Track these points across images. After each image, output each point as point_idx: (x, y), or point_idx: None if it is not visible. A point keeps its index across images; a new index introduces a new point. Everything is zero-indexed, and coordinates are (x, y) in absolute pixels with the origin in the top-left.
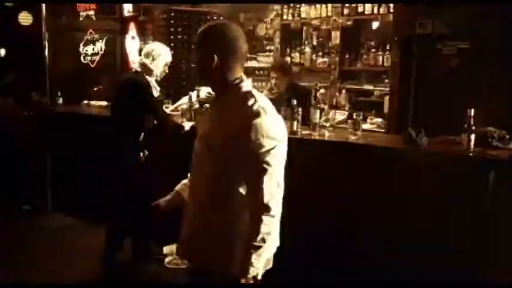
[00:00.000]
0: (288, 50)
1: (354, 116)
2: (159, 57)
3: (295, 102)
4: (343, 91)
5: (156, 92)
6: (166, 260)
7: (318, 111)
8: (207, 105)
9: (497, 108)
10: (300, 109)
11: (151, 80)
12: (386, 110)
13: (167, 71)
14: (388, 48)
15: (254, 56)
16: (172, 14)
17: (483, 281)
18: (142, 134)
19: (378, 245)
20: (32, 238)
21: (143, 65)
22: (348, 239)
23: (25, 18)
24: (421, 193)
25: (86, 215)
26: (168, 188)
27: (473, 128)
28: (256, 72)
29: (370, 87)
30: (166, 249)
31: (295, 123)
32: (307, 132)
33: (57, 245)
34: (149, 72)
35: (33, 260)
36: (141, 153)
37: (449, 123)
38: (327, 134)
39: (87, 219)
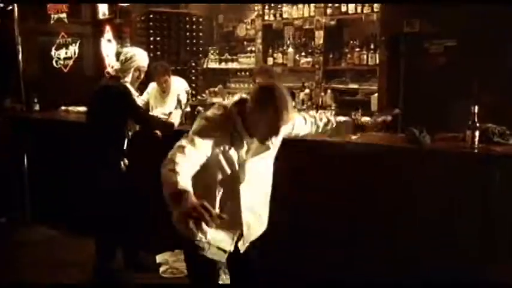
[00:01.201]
0: (270, 50)
1: (352, 115)
2: (129, 60)
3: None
4: (329, 91)
5: (136, 97)
6: (161, 269)
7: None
8: (200, 108)
9: (487, 105)
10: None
11: (128, 85)
12: (373, 108)
13: (141, 76)
14: (372, 47)
15: (235, 57)
16: (151, 16)
17: (491, 278)
18: (126, 140)
19: (383, 244)
20: (13, 251)
21: (115, 70)
22: (352, 238)
23: None
24: (427, 191)
25: (67, 226)
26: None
27: (478, 124)
28: (238, 73)
29: (355, 86)
30: (159, 258)
31: None
32: None
33: (41, 258)
34: (122, 76)
35: (17, 275)
36: (122, 162)
37: (439, 121)
38: None
39: (69, 230)
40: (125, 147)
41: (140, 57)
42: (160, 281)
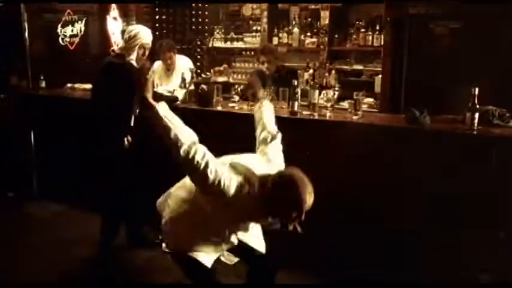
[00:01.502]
0: (276, 30)
1: (354, 96)
2: (133, 38)
3: (295, 82)
4: (333, 71)
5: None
6: (164, 244)
7: (317, 91)
8: (204, 86)
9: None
10: (299, 89)
11: (134, 62)
12: (377, 89)
13: (146, 54)
14: (377, 28)
15: (240, 36)
16: None
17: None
18: (133, 117)
19: (385, 225)
20: (21, 226)
21: (120, 48)
22: (354, 219)
23: None
24: (426, 172)
25: (74, 202)
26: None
27: (477, 106)
28: (243, 52)
29: (360, 67)
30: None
31: (295, 103)
32: (308, 113)
33: (47, 233)
34: (127, 54)
35: (26, 249)
36: (125, 139)
37: (442, 103)
38: (328, 114)
39: (75, 205)
40: (132, 124)
41: (144, 35)
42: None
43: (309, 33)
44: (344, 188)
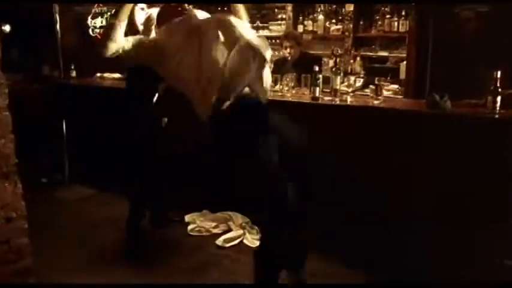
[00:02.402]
0: (301, 18)
1: (376, 81)
2: (148, 19)
3: (317, 68)
4: (358, 58)
5: None
6: (189, 227)
7: (339, 77)
8: None
9: None
10: (320, 75)
11: None
12: (402, 76)
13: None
14: (403, 14)
15: (266, 25)
16: None
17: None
18: (157, 94)
19: (402, 210)
20: (53, 210)
21: (139, 31)
22: (371, 204)
23: None
24: (447, 156)
25: (103, 187)
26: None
27: (500, 90)
28: (269, 41)
29: (385, 53)
30: (188, 218)
31: (317, 89)
32: (329, 98)
33: (79, 216)
34: (146, 36)
35: (58, 231)
36: (159, 119)
37: (468, 88)
38: (349, 99)
39: (105, 190)
40: (155, 100)
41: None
42: (187, 238)
43: (334, 20)
44: (364, 173)
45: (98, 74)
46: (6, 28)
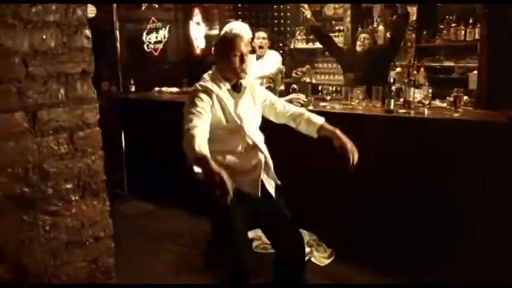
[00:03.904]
0: (360, 29)
1: (455, 93)
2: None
3: (391, 79)
4: (421, 69)
5: None
6: (254, 244)
7: (413, 88)
8: (295, 85)
9: None
10: (393, 87)
11: None
12: (471, 86)
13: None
14: (470, 21)
15: None
16: None
17: None
18: None
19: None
20: (116, 223)
21: None
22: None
23: (90, 11)
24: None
25: (161, 201)
26: None
27: None
28: (325, 53)
29: (451, 63)
30: (251, 234)
31: (391, 101)
32: (403, 110)
33: (140, 230)
34: None
35: (120, 244)
36: None
37: None
38: (426, 111)
39: (163, 204)
40: None
41: (245, 31)
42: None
43: None
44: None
45: (156, 88)
46: None
